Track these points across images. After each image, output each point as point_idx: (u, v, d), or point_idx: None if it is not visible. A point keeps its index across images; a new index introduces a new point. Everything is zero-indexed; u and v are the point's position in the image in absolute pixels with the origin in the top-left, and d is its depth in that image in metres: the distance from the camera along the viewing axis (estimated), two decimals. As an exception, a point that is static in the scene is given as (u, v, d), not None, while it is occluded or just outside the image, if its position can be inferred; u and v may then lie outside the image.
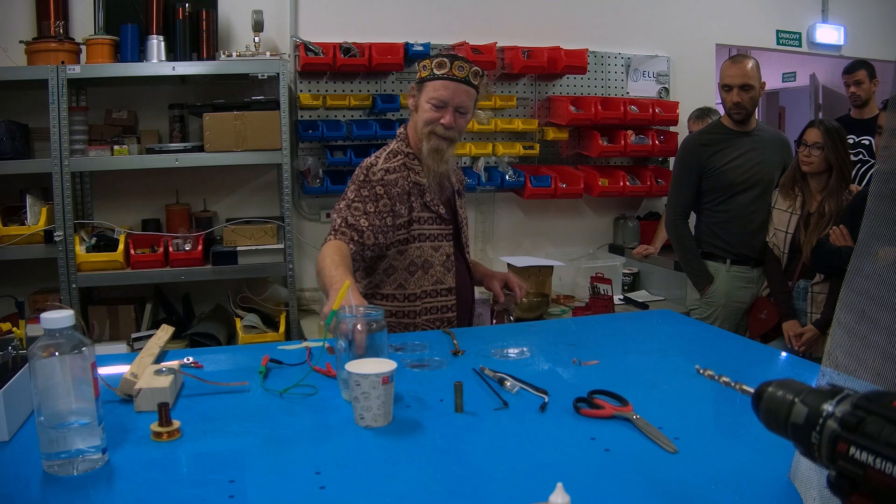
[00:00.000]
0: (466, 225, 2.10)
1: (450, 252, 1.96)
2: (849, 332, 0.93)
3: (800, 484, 0.97)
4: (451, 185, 2.02)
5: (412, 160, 1.94)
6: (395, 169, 1.89)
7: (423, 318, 1.93)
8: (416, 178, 1.92)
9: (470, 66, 1.83)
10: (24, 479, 1.02)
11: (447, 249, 1.96)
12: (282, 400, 1.34)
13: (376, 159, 1.92)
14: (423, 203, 1.93)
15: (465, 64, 1.83)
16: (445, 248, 1.95)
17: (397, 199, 1.86)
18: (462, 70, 1.81)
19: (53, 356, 1.01)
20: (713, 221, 2.94)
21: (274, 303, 3.18)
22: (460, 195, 2.08)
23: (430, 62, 1.83)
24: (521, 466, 1.06)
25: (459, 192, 2.08)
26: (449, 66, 1.80)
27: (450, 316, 1.96)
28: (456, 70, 1.80)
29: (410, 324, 1.92)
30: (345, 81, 3.47)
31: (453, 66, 1.80)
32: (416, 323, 1.92)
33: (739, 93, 2.80)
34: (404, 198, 1.89)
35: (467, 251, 2.08)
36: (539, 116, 3.76)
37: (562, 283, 3.66)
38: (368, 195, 1.84)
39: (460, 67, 1.81)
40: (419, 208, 1.92)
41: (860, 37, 4.55)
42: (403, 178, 1.89)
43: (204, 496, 0.97)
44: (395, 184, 1.87)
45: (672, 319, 2.05)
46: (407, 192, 1.89)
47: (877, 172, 0.99)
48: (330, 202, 3.52)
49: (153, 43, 2.96)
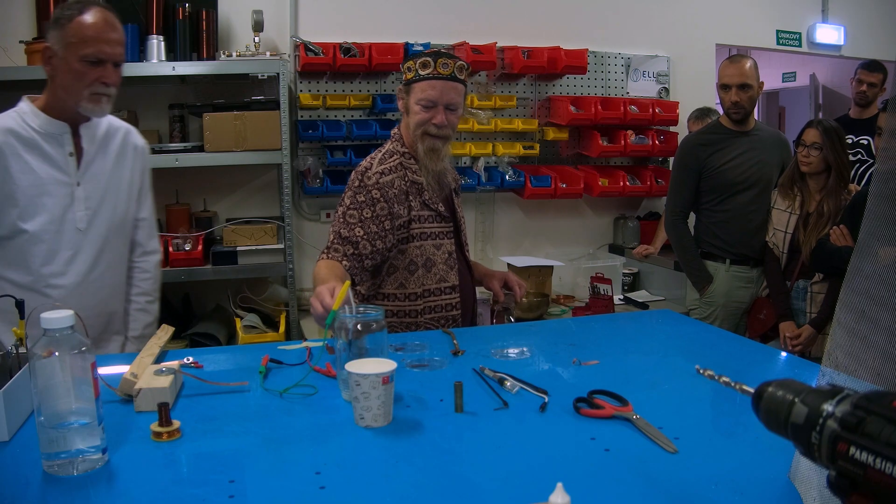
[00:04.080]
0: (465, 223, 2.10)
1: (451, 250, 1.96)
2: (849, 332, 0.93)
3: (800, 484, 0.97)
4: (448, 183, 2.01)
5: (408, 159, 1.92)
6: (390, 170, 1.88)
7: (425, 318, 1.91)
8: (414, 177, 1.91)
9: (455, 62, 1.82)
10: (24, 479, 1.02)
11: (448, 247, 1.95)
12: (282, 400, 1.34)
13: (370, 162, 1.91)
14: (422, 201, 1.92)
15: (448, 60, 1.82)
16: (447, 245, 1.95)
17: (395, 200, 1.86)
18: (447, 67, 1.80)
19: (53, 356, 1.01)
20: (712, 221, 2.94)
21: (274, 303, 3.18)
22: (457, 193, 2.08)
23: (415, 63, 1.83)
24: (521, 466, 1.06)
25: (456, 191, 2.08)
26: (433, 66, 1.80)
27: (454, 314, 1.95)
28: (441, 68, 1.80)
29: (412, 323, 1.91)
30: (345, 81, 3.47)
31: (437, 64, 1.80)
32: (417, 322, 1.91)
33: (738, 92, 2.80)
34: (402, 198, 1.88)
35: (467, 250, 2.08)
36: (539, 116, 3.76)
37: (562, 283, 3.66)
38: (365, 200, 1.84)
39: (444, 65, 1.80)
40: (418, 207, 1.91)
41: (860, 37, 4.55)
42: (400, 177, 1.88)
43: (204, 496, 0.97)
44: (392, 185, 1.86)
45: (672, 319, 2.05)
46: (405, 191, 1.89)
47: (877, 172, 0.99)
48: (330, 202, 3.52)
49: (153, 43, 2.96)
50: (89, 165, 1.78)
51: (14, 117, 1.72)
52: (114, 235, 1.85)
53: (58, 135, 1.73)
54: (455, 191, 2.06)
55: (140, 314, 1.97)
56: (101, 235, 1.81)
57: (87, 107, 1.70)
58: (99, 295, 1.83)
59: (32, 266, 1.73)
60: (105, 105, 1.73)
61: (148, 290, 1.99)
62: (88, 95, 1.68)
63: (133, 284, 1.96)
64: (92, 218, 1.78)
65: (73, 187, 1.75)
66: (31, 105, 1.74)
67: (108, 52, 1.67)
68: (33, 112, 1.73)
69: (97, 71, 1.66)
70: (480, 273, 2.11)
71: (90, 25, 1.64)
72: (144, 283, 1.98)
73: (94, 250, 1.80)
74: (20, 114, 1.73)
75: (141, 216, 1.95)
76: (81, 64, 1.65)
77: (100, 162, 1.81)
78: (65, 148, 1.74)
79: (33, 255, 1.73)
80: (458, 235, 2.02)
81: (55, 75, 1.69)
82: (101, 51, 1.66)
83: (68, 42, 1.64)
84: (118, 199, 1.85)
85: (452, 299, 1.95)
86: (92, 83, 1.67)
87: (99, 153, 1.81)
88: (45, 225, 1.72)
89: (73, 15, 1.64)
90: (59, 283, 1.75)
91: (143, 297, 1.98)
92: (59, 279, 1.75)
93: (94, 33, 1.65)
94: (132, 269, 1.96)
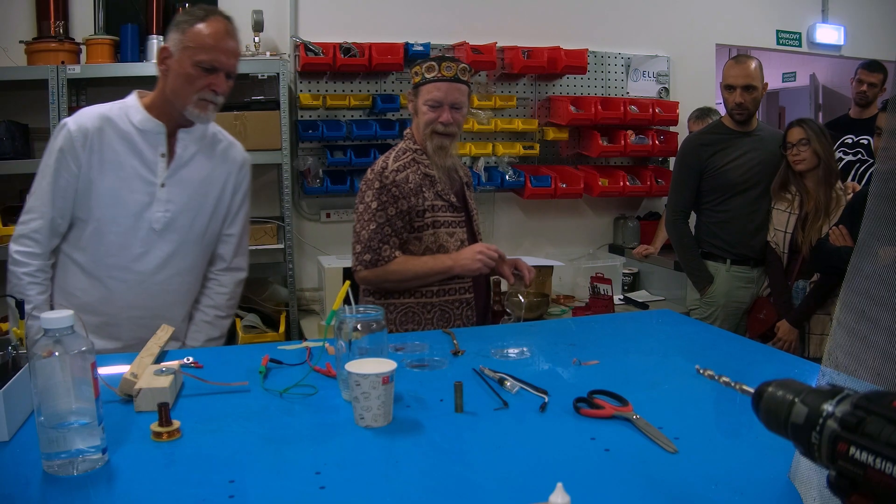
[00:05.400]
0: (478, 216, 2.23)
1: (463, 238, 2.09)
2: (849, 332, 0.93)
3: (800, 484, 0.97)
4: (459, 177, 2.16)
5: (420, 155, 2.07)
6: (405, 166, 2.02)
7: (440, 299, 2.04)
8: (426, 171, 2.06)
9: (457, 65, 1.99)
10: (24, 479, 1.02)
11: (461, 235, 2.08)
12: (282, 400, 1.34)
13: (385, 161, 2.04)
14: (436, 192, 2.05)
15: (452, 64, 1.98)
16: (459, 234, 2.08)
17: (411, 193, 2.00)
18: (450, 70, 1.98)
19: (53, 356, 1.01)
20: (713, 221, 2.94)
21: (274, 303, 3.18)
22: (468, 187, 2.21)
23: (421, 68, 2.00)
24: (521, 466, 1.06)
25: (468, 185, 2.21)
26: (438, 69, 1.97)
27: (467, 297, 2.06)
28: (444, 71, 1.97)
29: (428, 303, 2.03)
30: (345, 81, 3.47)
31: (441, 67, 1.97)
32: (433, 303, 2.03)
33: (742, 93, 2.79)
34: (418, 190, 2.02)
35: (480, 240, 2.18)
36: (539, 116, 3.76)
37: (562, 283, 3.66)
38: (387, 199, 1.98)
39: (448, 68, 1.97)
40: (432, 198, 2.04)
41: (860, 37, 4.56)
42: (414, 171, 2.03)
43: (204, 496, 0.97)
44: (407, 180, 2.00)
45: (672, 319, 2.05)
46: (419, 184, 2.02)
47: (877, 172, 0.99)
48: (330, 202, 3.53)
49: (153, 43, 2.96)
50: (179, 169, 1.78)
51: (117, 108, 1.76)
52: (190, 244, 1.83)
53: (154, 133, 1.75)
54: (467, 185, 2.20)
55: (205, 326, 1.92)
56: (175, 240, 1.80)
57: (194, 111, 1.73)
58: (161, 298, 1.81)
59: (99, 253, 1.75)
60: (211, 112, 1.76)
61: (220, 304, 1.94)
62: (196, 101, 1.71)
63: (206, 295, 1.93)
64: (170, 221, 1.78)
65: (156, 187, 1.76)
66: (138, 101, 1.78)
67: (223, 61, 1.71)
68: (136, 107, 1.76)
69: (209, 78, 1.70)
70: None
71: (210, 34, 1.68)
72: (219, 297, 1.94)
73: (165, 253, 1.79)
74: (124, 106, 1.77)
75: (229, 231, 1.93)
76: (195, 69, 1.68)
77: (192, 168, 1.81)
78: (157, 148, 1.75)
79: (103, 244, 1.75)
80: (471, 225, 2.15)
81: (167, 76, 1.72)
82: (217, 59, 1.70)
83: (185, 46, 1.68)
84: (202, 209, 1.84)
85: (465, 283, 2.06)
86: (202, 89, 1.70)
87: (194, 160, 1.81)
88: (120, 218, 1.74)
89: (194, 20, 1.69)
90: (121, 277, 1.76)
91: (213, 310, 1.93)
92: (122, 273, 1.76)
93: (213, 41, 1.68)
94: (209, 280, 1.93)
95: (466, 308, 2.05)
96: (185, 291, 1.87)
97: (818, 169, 2.67)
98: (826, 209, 2.64)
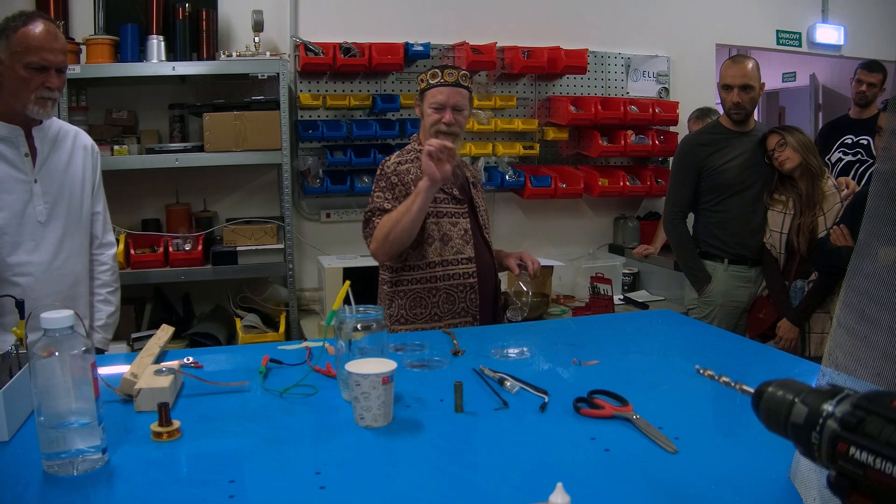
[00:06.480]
0: (486, 213, 2.33)
1: (467, 228, 2.17)
2: (849, 332, 0.93)
3: (800, 484, 0.97)
4: (462, 173, 2.25)
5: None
6: (407, 161, 2.17)
7: (444, 283, 2.13)
8: None
9: (459, 71, 2.18)
10: (24, 479, 1.03)
11: (464, 225, 2.17)
12: (282, 400, 1.34)
13: (389, 157, 2.20)
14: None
15: (453, 70, 2.18)
16: (462, 224, 2.17)
17: (412, 183, 2.09)
18: (452, 76, 2.16)
19: (53, 356, 1.01)
20: (711, 221, 2.94)
21: (274, 303, 3.18)
22: (475, 186, 2.31)
23: (426, 75, 2.18)
24: (521, 466, 1.06)
25: (475, 184, 2.31)
26: (441, 75, 2.15)
27: (471, 282, 2.14)
28: (446, 77, 2.15)
29: (433, 287, 2.12)
30: (345, 81, 3.47)
31: (444, 73, 2.15)
32: (437, 287, 2.12)
33: (739, 93, 2.80)
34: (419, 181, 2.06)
35: (487, 233, 2.27)
36: (539, 116, 3.76)
37: (562, 283, 3.66)
38: (386, 185, 2.13)
39: (450, 74, 2.16)
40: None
41: (860, 37, 4.56)
42: (416, 166, 2.13)
43: (204, 496, 0.97)
44: (408, 172, 2.13)
45: (672, 319, 2.06)
46: (419, 176, 2.07)
47: (877, 172, 0.99)
48: (330, 202, 3.53)
49: (153, 43, 2.96)
50: (44, 164, 1.92)
51: None
52: (72, 227, 2.00)
53: (12, 137, 1.87)
54: (473, 183, 2.30)
55: (103, 305, 2.13)
56: (60, 227, 1.96)
57: (34, 109, 1.84)
58: (64, 281, 1.97)
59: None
60: (50, 108, 1.88)
61: (108, 281, 2.14)
62: (35, 99, 1.82)
63: (94, 277, 2.11)
64: (50, 211, 1.93)
65: (31, 184, 1.89)
66: None
67: (51, 59, 1.81)
68: None
69: (42, 77, 1.81)
70: (500, 256, 2.30)
71: (34, 35, 1.79)
72: (104, 274, 2.13)
73: (55, 240, 1.95)
74: None
75: (96, 210, 2.11)
76: (27, 70, 1.79)
77: (54, 160, 1.95)
78: (20, 149, 1.88)
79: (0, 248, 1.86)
80: (476, 218, 2.23)
81: (3, 82, 1.82)
82: (45, 58, 1.80)
83: (14, 51, 1.78)
84: (73, 194, 2.00)
85: (469, 268, 2.14)
86: (37, 88, 1.81)
87: (52, 153, 1.96)
88: (7, 219, 1.87)
89: (18, 26, 1.80)
90: (26, 272, 1.89)
91: (104, 288, 2.13)
92: (24, 268, 1.89)
93: (38, 42, 1.79)
94: (92, 261, 2.11)
95: (470, 291, 2.13)
96: (81, 270, 2.05)
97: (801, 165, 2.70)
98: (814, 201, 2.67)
